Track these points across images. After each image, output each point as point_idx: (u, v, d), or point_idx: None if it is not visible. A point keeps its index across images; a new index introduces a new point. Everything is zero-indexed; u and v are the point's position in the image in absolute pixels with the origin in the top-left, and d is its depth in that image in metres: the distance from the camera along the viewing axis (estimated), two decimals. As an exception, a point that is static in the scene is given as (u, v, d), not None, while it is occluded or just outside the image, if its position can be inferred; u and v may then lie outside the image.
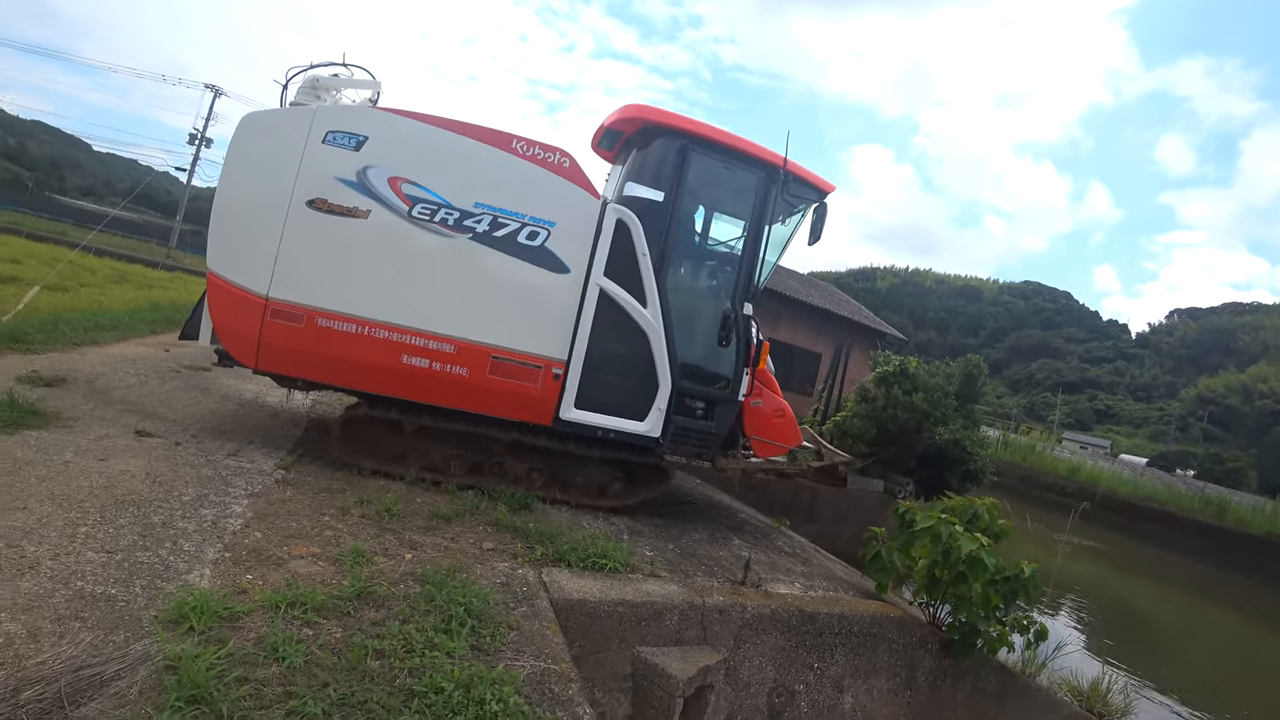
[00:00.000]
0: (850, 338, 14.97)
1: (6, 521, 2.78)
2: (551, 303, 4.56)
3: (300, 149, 4.27)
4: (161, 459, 3.93)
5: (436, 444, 4.77)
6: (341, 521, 3.66)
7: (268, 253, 4.23)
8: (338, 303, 4.30)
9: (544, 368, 4.57)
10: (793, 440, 5.61)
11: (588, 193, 4.64)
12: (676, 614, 3.73)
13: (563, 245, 4.54)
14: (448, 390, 4.48)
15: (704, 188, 5.41)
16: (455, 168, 4.43)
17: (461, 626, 2.70)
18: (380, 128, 4.39)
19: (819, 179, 5.25)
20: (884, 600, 4.95)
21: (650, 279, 4.70)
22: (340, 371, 4.45)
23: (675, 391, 4.83)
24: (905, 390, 11.03)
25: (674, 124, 4.96)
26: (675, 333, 4.83)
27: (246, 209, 4.32)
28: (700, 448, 5.07)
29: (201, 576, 2.71)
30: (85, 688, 1.96)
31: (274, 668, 2.20)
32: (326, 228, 4.27)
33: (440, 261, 4.39)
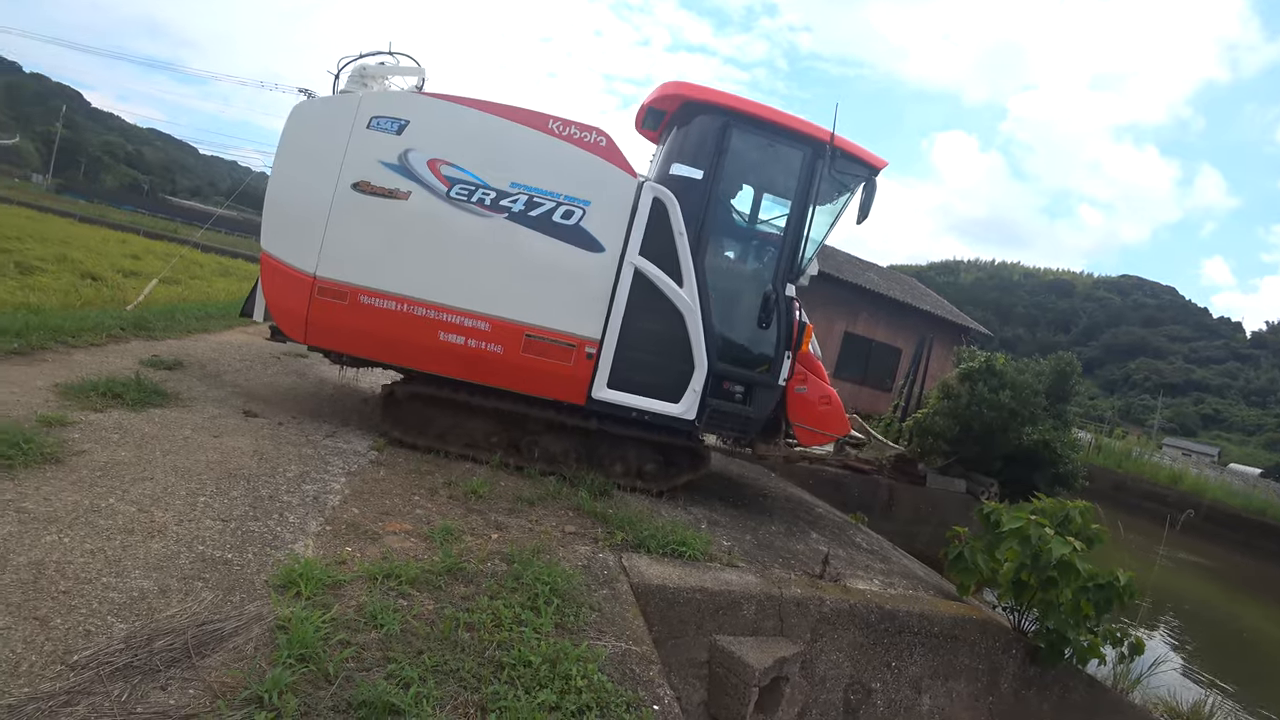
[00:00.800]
0: (932, 332, 14.42)
1: (138, 490, 3.05)
2: (586, 282, 4.55)
3: (347, 135, 4.46)
4: (267, 438, 4.21)
5: (476, 420, 4.86)
6: (431, 501, 3.82)
7: (315, 234, 4.44)
8: (379, 281, 4.46)
9: (577, 346, 4.57)
10: (839, 429, 5.40)
11: (624, 171, 4.61)
12: (754, 604, 3.71)
13: (598, 224, 4.53)
14: (482, 367, 4.57)
15: (746, 165, 5.26)
16: (492, 149, 4.51)
17: (547, 605, 2.78)
18: (421, 112, 4.53)
19: (869, 154, 5.01)
20: (965, 602, 4.77)
21: (687, 258, 4.62)
22: (381, 347, 4.62)
23: (712, 374, 4.73)
24: (991, 388, 10.53)
25: (715, 100, 4.85)
26: (713, 314, 4.73)
27: (297, 193, 4.54)
28: (738, 432, 4.99)
29: (306, 547, 2.89)
30: (208, 641, 2.13)
31: (373, 634, 2.33)
32: (370, 209, 4.44)
33: (476, 240, 4.47)
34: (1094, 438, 29.84)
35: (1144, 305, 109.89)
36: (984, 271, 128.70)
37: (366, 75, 4.93)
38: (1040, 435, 11.11)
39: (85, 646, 1.99)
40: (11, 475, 2.91)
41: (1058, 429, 11.68)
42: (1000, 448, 10.81)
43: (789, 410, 5.16)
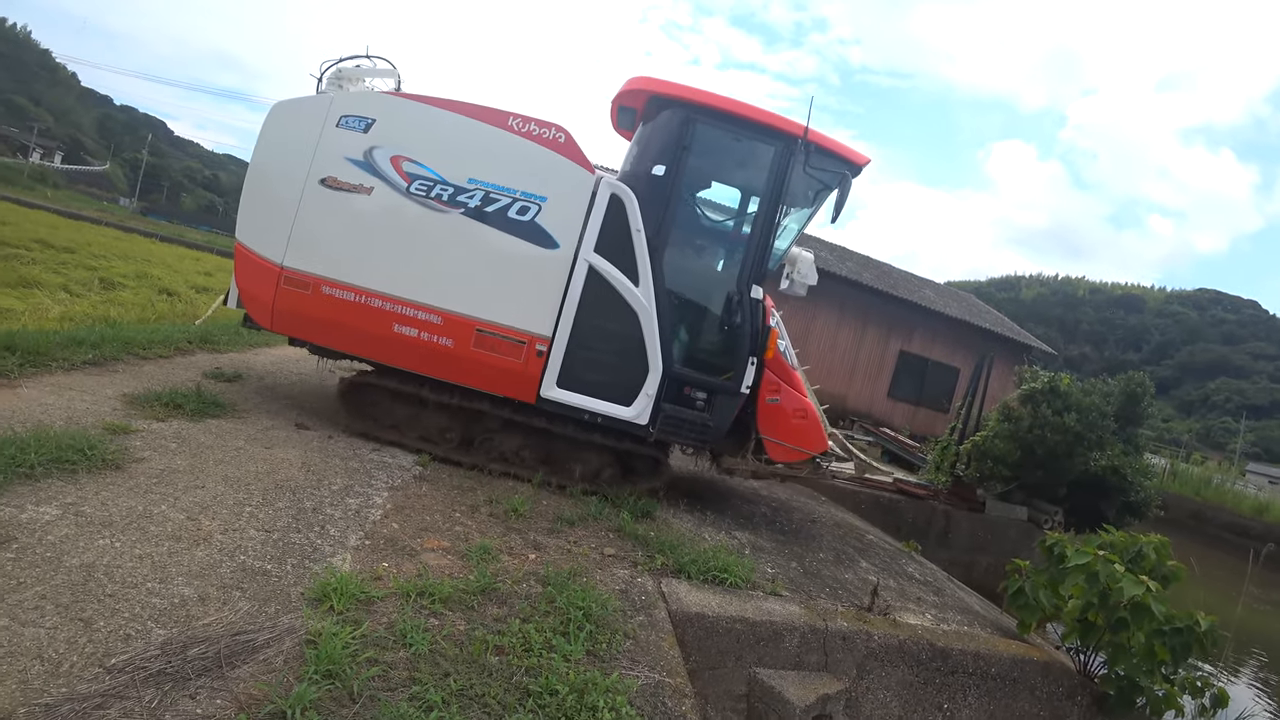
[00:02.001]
0: (991, 351, 13.83)
1: (189, 498, 3.14)
2: (538, 278, 4.52)
3: (318, 132, 4.61)
4: (316, 450, 4.30)
5: (432, 414, 4.87)
6: (471, 518, 3.82)
7: (284, 226, 4.61)
8: (340, 272, 4.58)
9: (528, 343, 4.53)
10: (815, 446, 5.05)
11: (581, 167, 4.55)
12: (797, 636, 3.56)
13: (553, 220, 4.51)
14: (434, 360, 4.60)
15: (712, 161, 5.12)
16: (453, 146, 4.58)
17: (579, 631, 2.72)
18: (387, 110, 4.65)
19: (848, 150, 4.80)
20: (1026, 641, 4.49)
21: (644, 256, 4.49)
22: (340, 337, 4.73)
23: (668, 378, 4.56)
24: (1055, 410, 10.02)
25: (679, 94, 4.73)
26: (672, 315, 4.61)
27: (270, 186, 4.72)
28: (695, 440, 4.76)
29: (344, 560, 2.91)
30: (240, 651, 2.15)
31: (401, 653, 2.31)
32: (335, 203, 4.58)
33: (432, 235, 4.54)
34: (1169, 464, 28.13)
35: (1223, 321, 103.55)
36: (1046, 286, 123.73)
37: (343, 77, 5.07)
38: (1109, 461, 10.50)
39: (124, 650, 2.04)
40: (74, 479, 3.04)
41: (1128, 454, 11.03)
42: (1065, 474, 10.25)
43: (759, 422, 4.92)
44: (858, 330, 18.24)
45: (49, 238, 17.84)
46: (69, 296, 10.64)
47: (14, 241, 15.72)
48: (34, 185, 49.19)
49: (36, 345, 4.87)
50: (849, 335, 18.19)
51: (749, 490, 6.67)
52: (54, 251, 16.04)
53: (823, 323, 17.89)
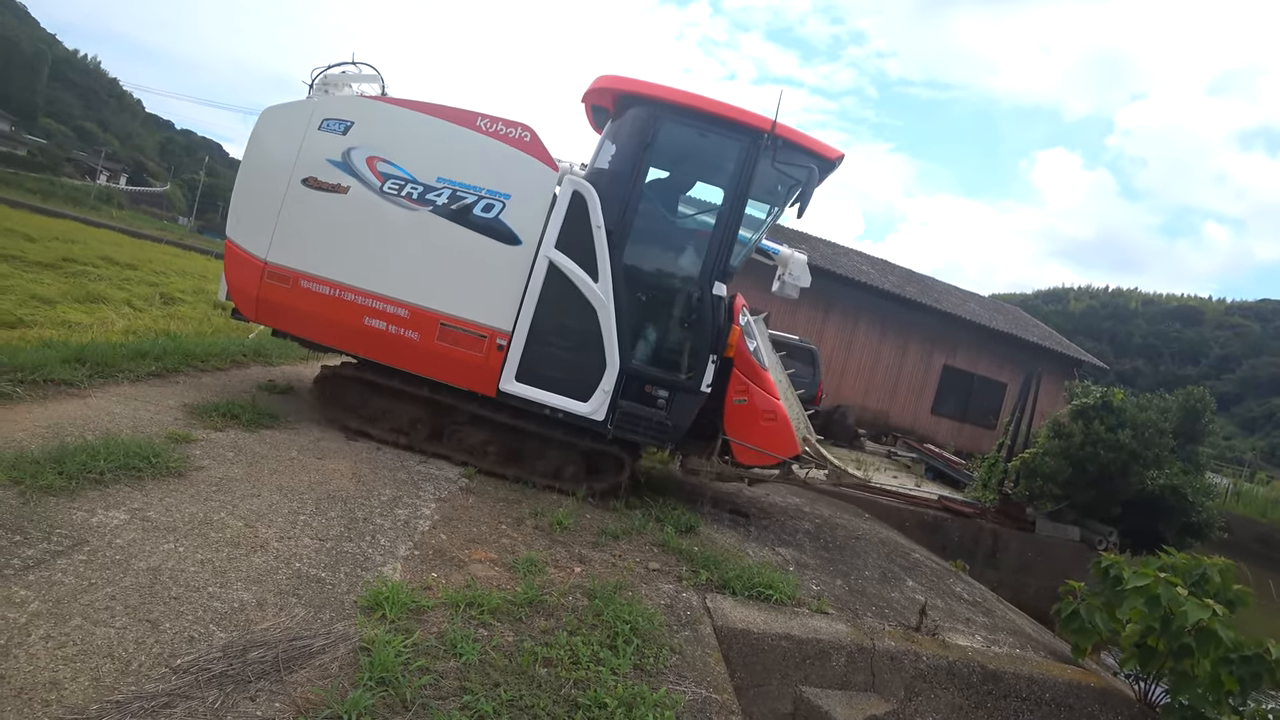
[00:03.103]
0: (1040, 366, 13.43)
1: (247, 506, 3.25)
2: (501, 273, 4.61)
3: (302, 135, 4.84)
4: (365, 461, 4.41)
5: (404, 407, 4.97)
6: (517, 531, 3.87)
7: (269, 223, 4.84)
8: (317, 267, 4.78)
9: (489, 337, 4.60)
10: (784, 449, 4.88)
11: (545, 164, 4.64)
12: (844, 655, 3.49)
13: (517, 217, 4.60)
14: (401, 352, 4.73)
15: (678, 157, 5.14)
16: (424, 146, 4.74)
17: (627, 645, 2.72)
18: (365, 113, 4.85)
19: (819, 144, 4.71)
20: (1082, 666, 4.32)
21: (604, 252, 4.51)
22: (316, 329, 4.91)
23: (625, 374, 4.54)
24: (1109, 426, 9.67)
25: (644, 91, 4.76)
26: (631, 311, 4.58)
27: (258, 186, 4.95)
28: (654, 439, 4.68)
29: (394, 570, 2.97)
30: (297, 656, 2.21)
31: (452, 662, 2.34)
32: (315, 202, 4.78)
33: (402, 232, 4.69)
34: (1232, 483, 26.80)
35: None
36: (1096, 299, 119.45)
37: (329, 83, 5.24)
38: (1167, 480, 10.07)
39: (188, 652, 2.12)
40: (141, 486, 3.18)
41: (1188, 473, 10.56)
42: (1120, 493, 9.87)
43: (726, 423, 4.83)
44: (900, 345, 17.93)
45: (114, 255, 18.72)
46: (132, 311, 11.13)
47: (82, 259, 16.53)
48: (100, 205, 51.76)
49: (105, 357, 5.12)
50: (891, 350, 17.88)
51: (791, 506, 6.59)
52: (119, 268, 16.82)
53: (864, 338, 17.64)
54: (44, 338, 6.48)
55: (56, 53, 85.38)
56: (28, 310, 9.44)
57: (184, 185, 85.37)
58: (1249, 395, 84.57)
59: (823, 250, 19.59)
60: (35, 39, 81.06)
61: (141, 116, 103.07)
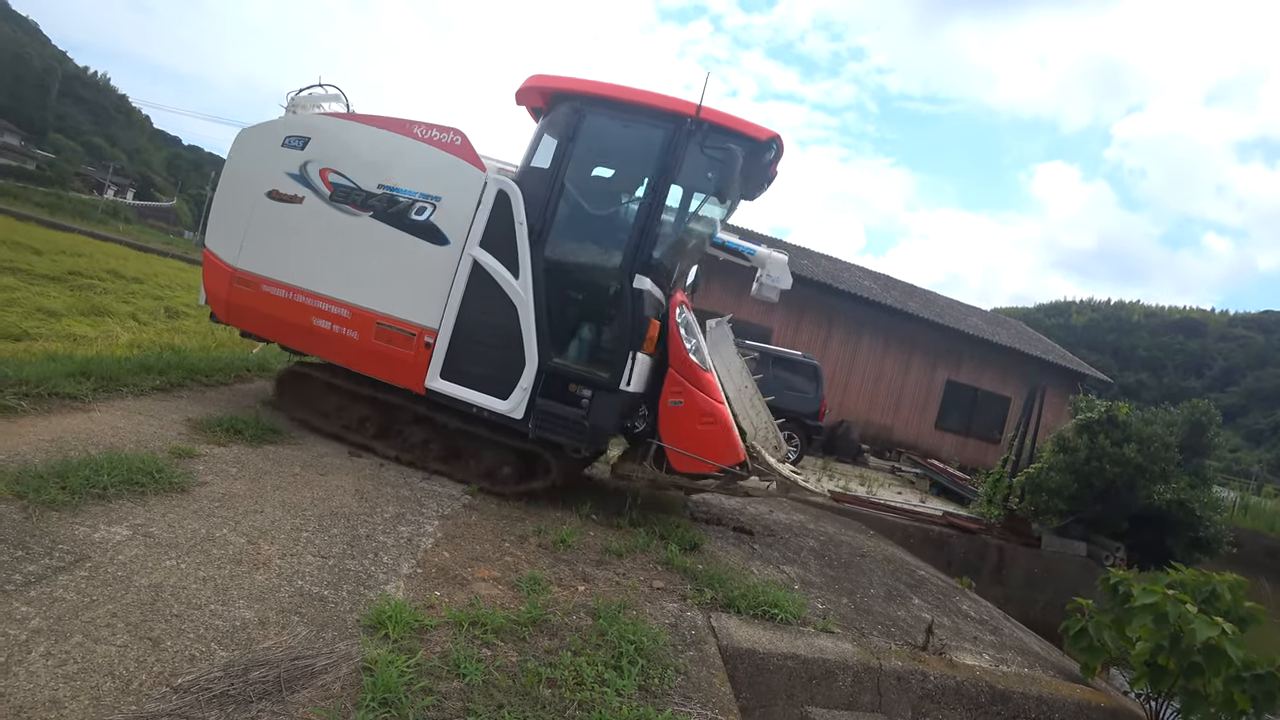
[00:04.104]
0: (1043, 380, 13.42)
1: (249, 522, 3.23)
2: (430, 273, 4.72)
3: (268, 152, 5.19)
4: (368, 478, 4.39)
5: (355, 406, 5.14)
6: (520, 549, 3.84)
7: (239, 233, 5.21)
8: (275, 272, 5.08)
9: (417, 335, 4.71)
10: (722, 455, 4.55)
11: (473, 166, 4.74)
12: (850, 675, 3.45)
13: (446, 218, 4.73)
14: (344, 351, 4.94)
15: (603, 150, 5.16)
16: (368, 156, 4.98)
17: (631, 665, 2.69)
18: (320, 129, 5.16)
19: (747, 125, 4.61)
20: (1091, 685, 4.26)
21: (525, 249, 4.54)
22: (274, 329, 5.24)
23: (546, 372, 4.50)
24: (1114, 440, 9.62)
25: (569, 87, 4.84)
26: (552, 307, 4.55)
27: (231, 200, 5.34)
28: (574, 440, 4.49)
29: (397, 588, 2.95)
30: (299, 676, 2.18)
31: (455, 682, 2.32)
32: (276, 212, 5.11)
33: (347, 237, 4.93)
34: (1240, 497, 26.57)
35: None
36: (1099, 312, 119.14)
37: (297, 104, 5.58)
38: (1174, 494, 10.00)
39: (189, 670, 2.10)
40: (144, 501, 3.17)
41: (1195, 487, 10.49)
42: (1126, 507, 9.80)
43: (660, 427, 4.63)
44: (903, 360, 17.89)
45: (120, 269, 18.83)
46: (137, 324, 11.19)
47: (89, 272, 16.64)
48: (107, 220, 52.11)
49: (109, 371, 5.13)
50: (894, 365, 17.85)
51: (796, 524, 6.55)
52: (124, 282, 16.91)
53: (867, 353, 17.62)
54: (49, 351, 6.50)
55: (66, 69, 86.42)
56: (34, 323, 9.49)
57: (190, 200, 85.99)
58: (1254, 407, 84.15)
59: (825, 265, 19.63)
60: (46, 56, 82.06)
61: (149, 132, 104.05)
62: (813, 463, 12.44)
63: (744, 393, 5.28)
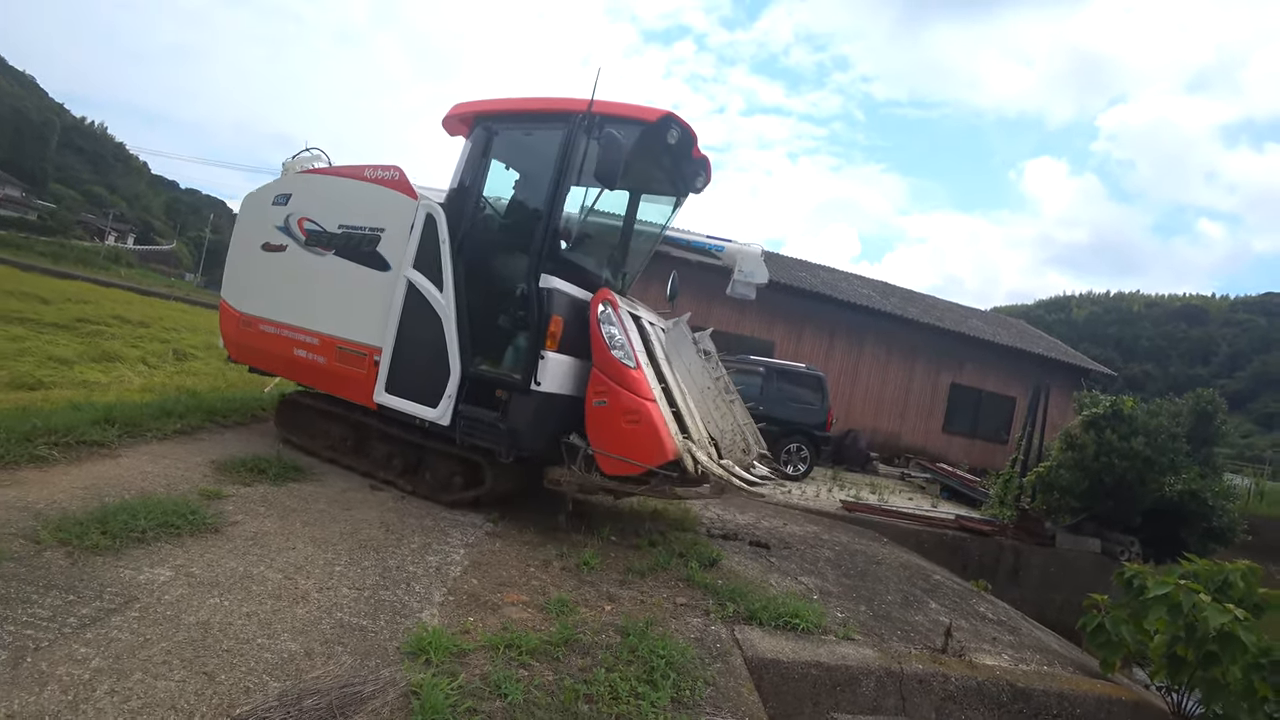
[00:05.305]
0: (1047, 378, 13.49)
1: (283, 559, 3.34)
2: (376, 298, 5.08)
3: (263, 210, 5.88)
4: (391, 510, 4.50)
5: (335, 426, 5.64)
6: (545, 573, 3.94)
7: (243, 282, 6.03)
8: (267, 312, 5.77)
9: (367, 355, 5.08)
10: (648, 455, 4.23)
11: (408, 196, 5.09)
12: (873, 680, 3.53)
13: (389, 247, 5.11)
14: (316, 375, 5.50)
15: (517, 159, 5.54)
16: (332, 202, 5.52)
17: (664, 679, 2.78)
18: (298, 185, 5.83)
19: (637, 109, 4.70)
20: (1112, 680, 4.32)
21: (448, 264, 4.79)
22: (268, 362, 5.97)
23: (469, 378, 4.66)
24: (1121, 435, 9.69)
25: (476, 109, 5.19)
26: (472, 315, 4.73)
27: (238, 255, 6.10)
28: (499, 445, 4.49)
29: (432, 616, 3.05)
30: (349, 702, 2.28)
31: (498, 702, 2.41)
32: (268, 261, 5.80)
33: (316, 274, 5.49)
34: (1254, 483, 26.44)
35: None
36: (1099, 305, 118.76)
37: (288, 167, 6.36)
38: (1185, 485, 10.06)
39: (246, 701, 2.19)
40: (181, 543, 3.28)
41: (1205, 476, 10.54)
42: (1138, 501, 9.85)
43: (588, 429, 4.52)
44: (906, 366, 17.99)
45: (125, 313, 19.00)
46: (147, 368, 11.29)
47: (95, 318, 16.80)
48: (110, 265, 52.62)
49: (131, 417, 5.27)
50: (898, 372, 17.94)
51: (810, 535, 6.63)
52: (131, 326, 17.07)
53: (870, 361, 17.72)
54: (67, 398, 6.62)
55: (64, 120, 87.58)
56: (47, 371, 9.61)
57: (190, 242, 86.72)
58: (1263, 391, 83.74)
59: (823, 276, 19.80)
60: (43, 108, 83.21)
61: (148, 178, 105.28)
62: (822, 473, 12.50)
63: (706, 394, 5.20)
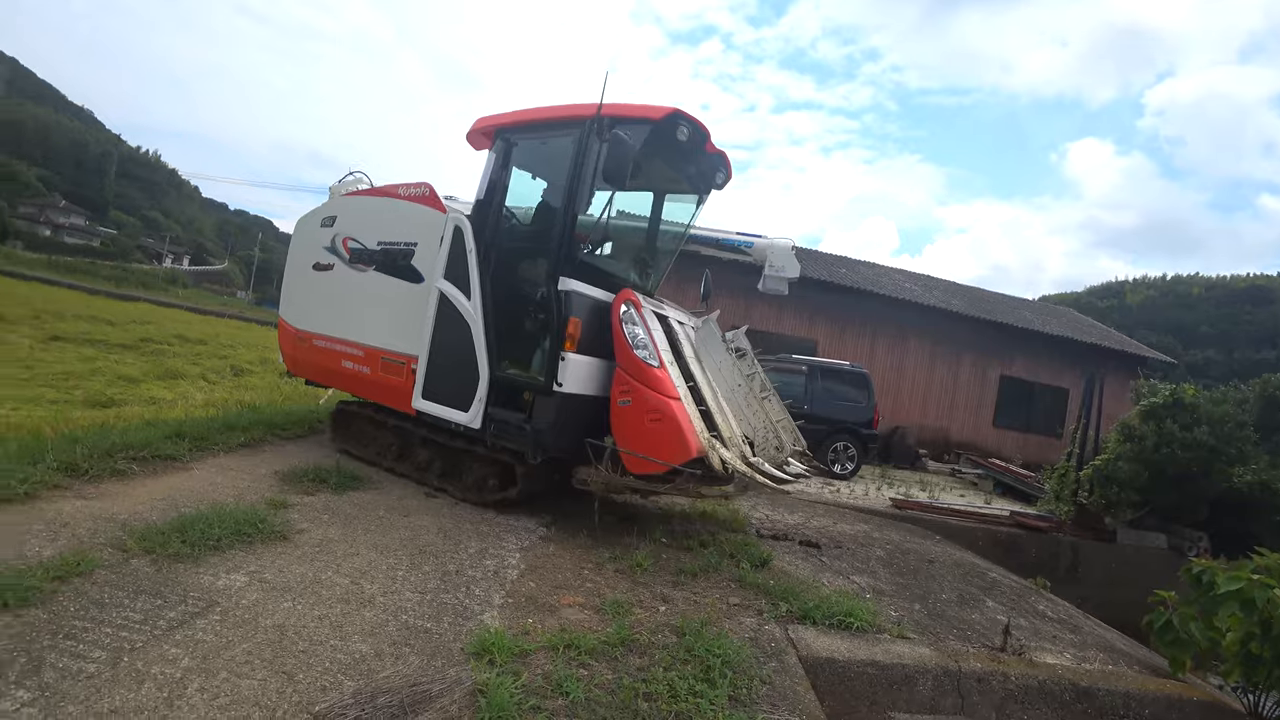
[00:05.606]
0: (1101, 367, 13.07)
1: (349, 564, 3.48)
2: (413, 309, 5.25)
3: (313, 233, 6.26)
4: (448, 516, 4.64)
5: (382, 433, 5.85)
6: (599, 575, 4.01)
7: (297, 301, 6.46)
8: (318, 327, 6.14)
9: (406, 363, 5.29)
10: (670, 453, 4.23)
11: (437, 210, 5.28)
12: (930, 679, 3.50)
13: (422, 259, 5.32)
14: (361, 385, 5.77)
15: (536, 168, 5.69)
16: (371, 221, 5.81)
17: (721, 677, 2.81)
18: (342, 207, 6.18)
19: (643, 109, 4.74)
20: (1182, 680, 4.17)
21: (475, 272, 4.91)
22: (321, 374, 6.35)
23: (496, 382, 4.78)
24: (1182, 424, 9.31)
25: (496, 122, 5.33)
26: (499, 321, 4.84)
27: (293, 276, 6.53)
28: (527, 446, 4.58)
29: (493, 618, 3.14)
30: (419, 700, 2.38)
31: (560, 700, 2.48)
32: (318, 280, 6.16)
33: (360, 289, 5.77)
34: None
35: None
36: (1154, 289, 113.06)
37: (334, 190, 6.84)
38: (1255, 476, 9.62)
39: (323, 699, 2.31)
40: (253, 550, 3.45)
41: (1277, 466, 10.05)
42: (1204, 494, 9.45)
43: (613, 429, 4.58)
44: (952, 360, 17.61)
45: (185, 332, 19.92)
46: (208, 384, 11.85)
47: (158, 338, 17.67)
48: (167, 286, 55.03)
49: (200, 432, 5.54)
50: (944, 366, 17.58)
51: (861, 534, 6.57)
52: (190, 344, 17.90)
53: (915, 356, 17.41)
54: (138, 415, 6.98)
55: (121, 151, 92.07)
56: (117, 389, 10.17)
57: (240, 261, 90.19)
58: (1338, 377, 78.93)
59: (863, 271, 19.53)
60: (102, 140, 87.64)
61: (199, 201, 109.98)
62: (870, 471, 12.33)
63: (736, 391, 5.23)
